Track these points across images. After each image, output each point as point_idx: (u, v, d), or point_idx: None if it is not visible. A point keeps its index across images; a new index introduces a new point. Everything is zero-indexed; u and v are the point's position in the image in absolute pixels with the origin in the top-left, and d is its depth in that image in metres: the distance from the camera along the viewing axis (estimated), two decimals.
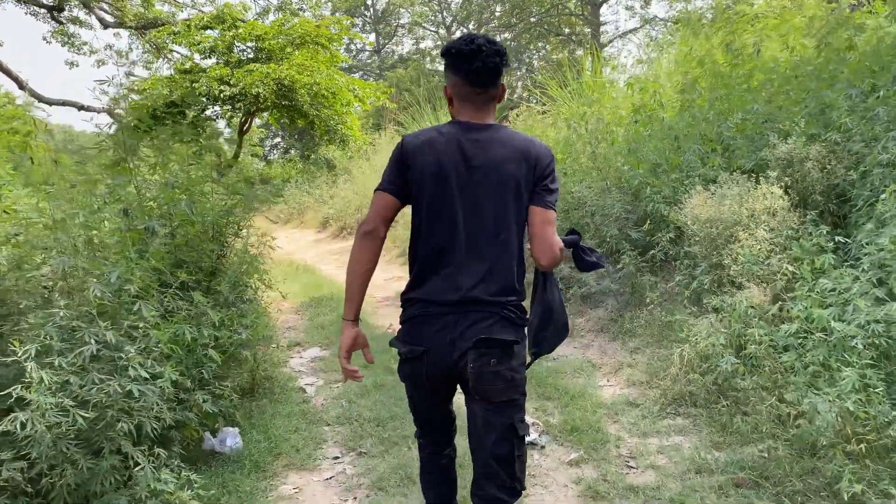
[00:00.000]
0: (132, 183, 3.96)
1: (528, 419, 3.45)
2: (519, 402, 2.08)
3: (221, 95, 16.47)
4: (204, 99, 16.93)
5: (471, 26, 33.46)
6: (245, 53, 18.16)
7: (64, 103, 26.13)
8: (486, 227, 2.02)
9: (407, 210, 2.14)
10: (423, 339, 2.05)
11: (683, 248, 4.76)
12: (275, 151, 30.58)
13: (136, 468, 2.72)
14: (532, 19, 30.03)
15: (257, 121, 25.16)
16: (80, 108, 24.55)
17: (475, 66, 2.00)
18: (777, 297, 3.83)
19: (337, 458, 3.59)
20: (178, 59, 19.99)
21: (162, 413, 2.87)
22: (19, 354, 2.52)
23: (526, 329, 2.16)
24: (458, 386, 2.16)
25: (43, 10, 24.85)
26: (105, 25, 24.60)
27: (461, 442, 2.33)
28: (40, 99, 26.67)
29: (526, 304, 2.16)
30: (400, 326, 2.16)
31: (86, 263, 3.14)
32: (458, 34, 35.96)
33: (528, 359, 2.21)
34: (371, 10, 36.88)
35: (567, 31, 30.37)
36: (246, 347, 3.97)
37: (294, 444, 3.69)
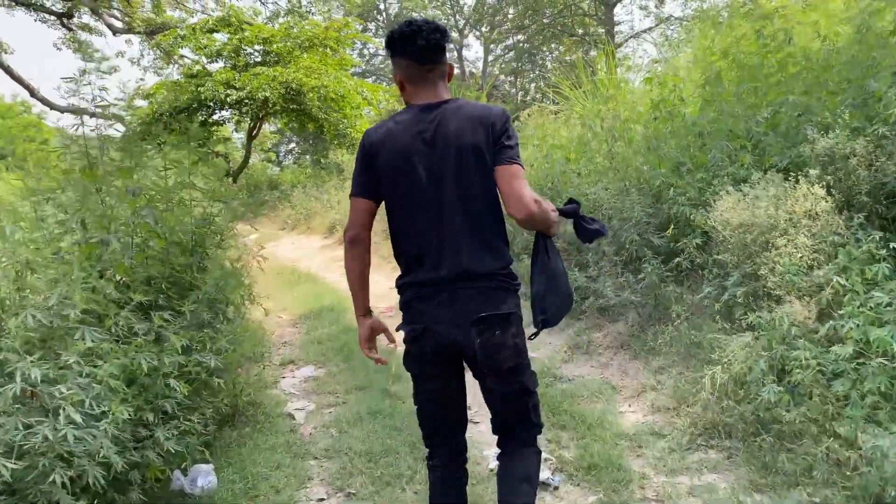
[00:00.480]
0: (99, 191, 3.57)
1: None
2: (524, 363, 2.15)
3: (227, 100, 16.17)
4: (211, 104, 16.64)
5: (483, 29, 33.17)
6: (252, 57, 17.84)
7: (74, 111, 25.98)
8: (460, 202, 2.06)
9: None
10: (421, 319, 2.11)
11: (712, 256, 4.29)
12: (290, 157, 30.32)
13: None
14: (545, 20, 29.71)
15: (272, 126, 24.94)
16: (92, 115, 24.41)
17: (419, 45, 2.09)
18: (823, 312, 3.35)
19: (322, 500, 3.16)
20: (187, 64, 19.76)
21: (110, 457, 2.46)
22: None
23: (529, 299, 2.21)
24: (465, 364, 2.19)
25: (53, 17, 24.78)
26: (114, 31, 24.51)
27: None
28: (51, 106, 26.64)
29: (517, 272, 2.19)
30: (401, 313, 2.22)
31: (29, 283, 2.75)
32: (470, 37, 35.84)
33: (535, 328, 2.20)
34: (384, 13, 36.62)
35: (580, 31, 29.97)
36: (222, 373, 3.55)
37: (274, 483, 3.26)
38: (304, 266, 10.07)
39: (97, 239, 3.01)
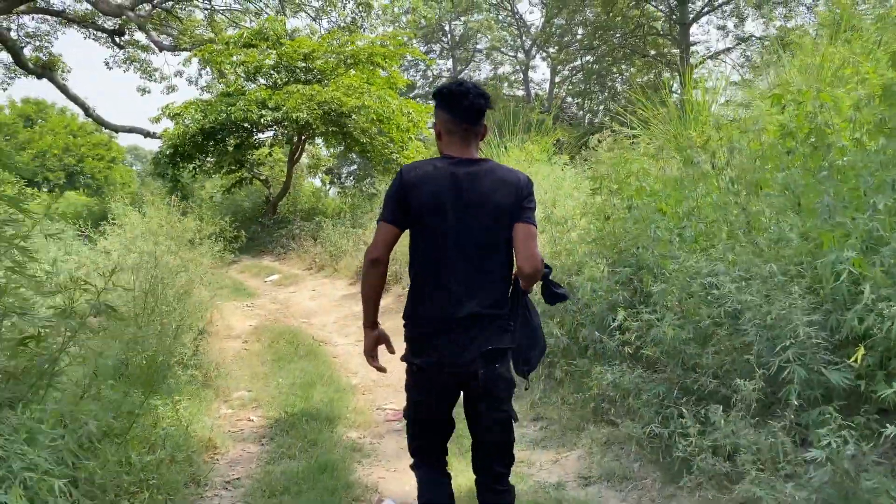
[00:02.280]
0: None
1: None
2: (512, 394, 2.46)
3: (262, 121, 14.60)
4: (246, 125, 15.11)
5: (550, 50, 31.62)
6: (295, 75, 16.24)
7: (131, 130, 25.61)
8: (480, 251, 2.34)
9: None
10: (432, 351, 2.36)
11: None
12: (350, 179, 29.03)
13: None
14: (615, 41, 28.08)
15: (327, 151, 23.37)
16: (146, 134, 23.74)
17: (464, 105, 2.37)
18: None
19: None
20: (229, 81, 18.40)
21: None
22: None
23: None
24: (462, 391, 2.45)
25: (104, 35, 24.21)
26: (161, 48, 23.75)
27: None
28: (107, 126, 26.26)
29: None
30: (406, 344, 2.46)
31: None
32: (537, 58, 34.14)
33: (522, 380, 2.56)
34: (448, 35, 35.22)
35: (653, 52, 28.02)
36: None
37: None
38: (317, 324, 8.18)
39: None
